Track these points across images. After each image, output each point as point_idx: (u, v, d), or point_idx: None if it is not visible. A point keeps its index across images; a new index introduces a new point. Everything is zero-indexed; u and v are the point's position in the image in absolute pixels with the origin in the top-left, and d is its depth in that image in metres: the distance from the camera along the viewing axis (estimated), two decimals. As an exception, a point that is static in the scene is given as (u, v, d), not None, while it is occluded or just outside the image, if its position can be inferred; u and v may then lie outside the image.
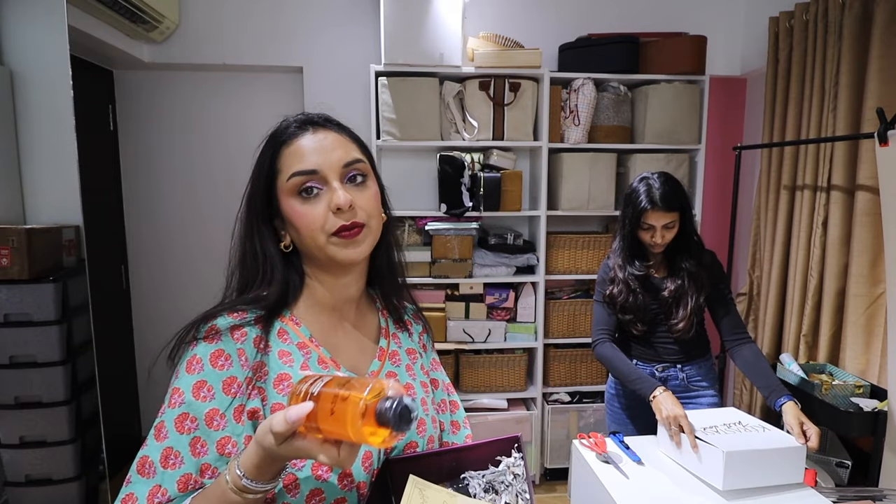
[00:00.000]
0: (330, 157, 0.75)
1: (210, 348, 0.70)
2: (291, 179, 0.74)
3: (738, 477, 1.34)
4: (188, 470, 0.66)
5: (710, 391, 1.82)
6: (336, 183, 0.74)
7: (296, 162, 0.75)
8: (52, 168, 2.02)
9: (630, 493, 1.39)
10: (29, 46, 1.97)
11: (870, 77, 2.01)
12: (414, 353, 0.90)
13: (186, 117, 2.98)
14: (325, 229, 0.74)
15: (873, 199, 2.00)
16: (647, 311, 1.76)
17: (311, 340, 0.78)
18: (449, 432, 0.93)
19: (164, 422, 0.68)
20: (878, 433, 1.78)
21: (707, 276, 1.73)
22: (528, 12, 2.83)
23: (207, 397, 0.68)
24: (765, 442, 1.39)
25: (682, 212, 1.69)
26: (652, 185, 1.67)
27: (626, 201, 1.74)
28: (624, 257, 1.77)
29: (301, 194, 0.74)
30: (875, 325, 2.03)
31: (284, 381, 0.73)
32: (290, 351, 0.76)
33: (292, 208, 0.75)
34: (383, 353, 0.85)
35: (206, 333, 0.71)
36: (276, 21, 2.78)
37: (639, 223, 1.70)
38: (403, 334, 0.91)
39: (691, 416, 1.54)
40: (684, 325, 1.72)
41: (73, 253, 2.02)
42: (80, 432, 1.95)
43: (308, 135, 0.76)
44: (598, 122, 2.71)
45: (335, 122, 0.81)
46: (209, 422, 0.68)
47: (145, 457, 0.67)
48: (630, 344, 1.86)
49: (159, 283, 3.08)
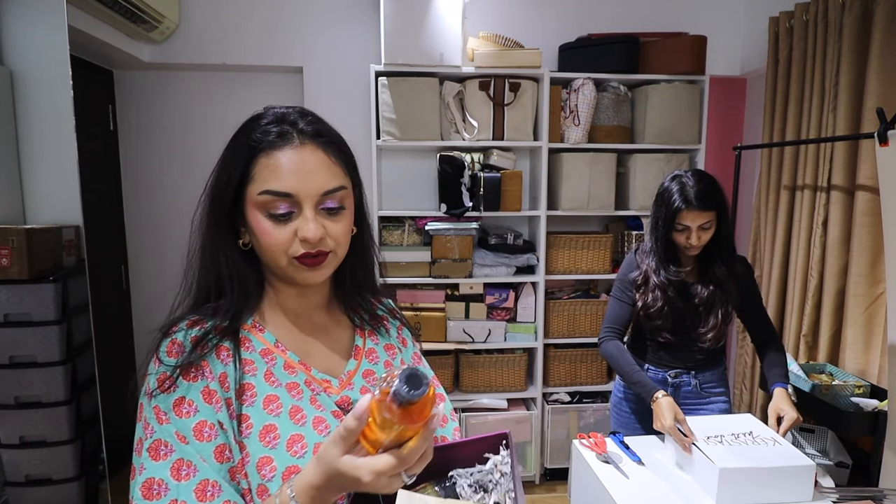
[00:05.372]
0: (309, 182, 0.69)
1: (170, 399, 0.66)
2: (262, 195, 0.69)
3: (735, 494, 1.29)
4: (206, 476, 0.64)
5: (722, 397, 1.76)
6: (309, 212, 0.69)
7: (271, 178, 0.69)
8: (52, 168, 2.02)
9: (630, 493, 1.39)
10: (29, 46, 1.97)
11: (870, 77, 2.01)
12: (393, 348, 0.88)
13: (186, 117, 2.98)
14: (287, 253, 0.70)
15: (873, 199, 2.00)
16: (677, 319, 1.65)
17: (277, 346, 0.75)
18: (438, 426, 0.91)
19: (161, 439, 0.65)
20: (878, 433, 1.78)
21: (737, 284, 1.65)
22: (528, 12, 2.83)
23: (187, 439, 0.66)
24: (769, 458, 1.33)
25: (718, 211, 1.57)
26: (686, 184, 1.56)
27: (657, 201, 1.63)
28: (658, 261, 1.65)
29: (270, 213, 0.70)
30: (875, 325, 2.03)
31: (247, 391, 0.70)
32: (252, 359, 0.73)
33: (258, 223, 0.70)
34: (359, 351, 0.83)
35: (167, 356, 0.69)
36: (276, 21, 2.78)
37: (673, 224, 1.58)
38: (380, 330, 0.88)
39: (703, 422, 1.52)
40: (714, 334, 1.63)
41: (73, 253, 2.01)
42: (80, 432, 1.94)
43: (290, 149, 0.69)
44: (598, 122, 2.71)
45: (324, 135, 0.73)
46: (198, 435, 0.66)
47: (150, 479, 0.63)
48: (647, 347, 1.76)
49: (159, 283, 3.08)
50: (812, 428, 2.13)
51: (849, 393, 1.94)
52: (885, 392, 1.85)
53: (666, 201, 1.59)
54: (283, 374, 0.73)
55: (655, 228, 1.64)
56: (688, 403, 1.74)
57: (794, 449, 1.39)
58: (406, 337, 0.93)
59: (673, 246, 1.63)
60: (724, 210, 1.58)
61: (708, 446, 1.39)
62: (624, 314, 1.72)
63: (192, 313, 0.74)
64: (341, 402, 0.76)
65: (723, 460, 1.31)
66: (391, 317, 0.92)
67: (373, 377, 0.81)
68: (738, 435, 1.44)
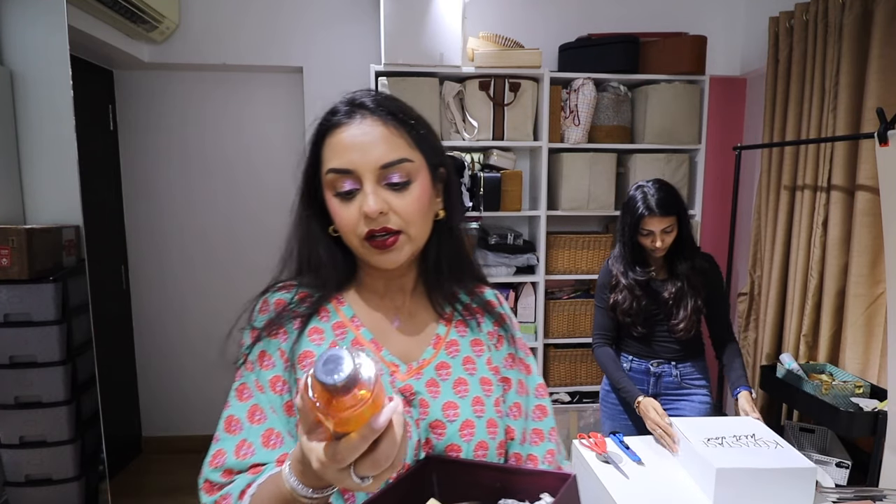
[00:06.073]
0: (368, 155, 0.68)
1: (256, 350, 0.73)
2: (329, 174, 0.70)
3: (734, 495, 1.29)
4: (271, 425, 0.69)
5: (703, 390, 1.88)
6: (370, 186, 0.68)
7: (333, 157, 0.70)
8: (52, 168, 2.02)
9: (630, 493, 1.39)
10: (29, 46, 1.97)
11: (870, 77, 2.01)
12: (481, 344, 0.80)
13: (186, 117, 2.98)
14: (356, 232, 0.70)
15: (873, 199, 2.00)
16: (648, 314, 1.82)
17: (353, 320, 0.76)
18: (529, 442, 0.79)
19: (246, 383, 0.72)
20: (878, 433, 1.78)
21: (703, 279, 1.80)
22: (528, 12, 2.83)
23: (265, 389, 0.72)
24: (769, 460, 1.33)
25: (678, 216, 1.73)
26: (647, 193, 1.73)
27: (624, 209, 1.80)
28: (625, 263, 1.82)
29: (337, 191, 0.70)
30: (875, 325, 2.03)
31: (308, 359, 0.71)
32: (323, 329, 0.75)
33: (330, 203, 0.72)
34: (440, 340, 0.78)
35: (258, 314, 0.76)
36: (276, 21, 2.78)
37: (638, 229, 1.75)
38: (471, 323, 0.81)
39: (704, 423, 1.55)
40: (685, 325, 1.78)
41: (73, 253, 2.02)
42: (80, 432, 1.95)
43: (353, 125, 0.69)
44: (598, 122, 2.71)
45: (388, 108, 0.71)
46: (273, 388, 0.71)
47: (231, 416, 0.70)
48: (627, 341, 1.92)
49: (159, 283, 3.08)
50: (812, 428, 2.13)
51: (849, 393, 1.94)
52: (885, 392, 1.85)
53: (631, 209, 1.75)
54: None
55: (623, 234, 1.81)
56: (669, 394, 1.87)
57: (795, 451, 1.39)
58: (504, 336, 0.83)
59: (640, 249, 1.80)
60: (684, 214, 1.76)
61: (708, 447, 1.39)
62: (607, 320, 1.89)
63: (288, 279, 0.79)
64: (404, 389, 0.73)
65: (720, 461, 1.31)
66: (487, 310, 0.84)
67: (447, 371, 0.76)
68: (740, 437, 1.45)
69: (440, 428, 0.72)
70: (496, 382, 0.78)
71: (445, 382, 0.75)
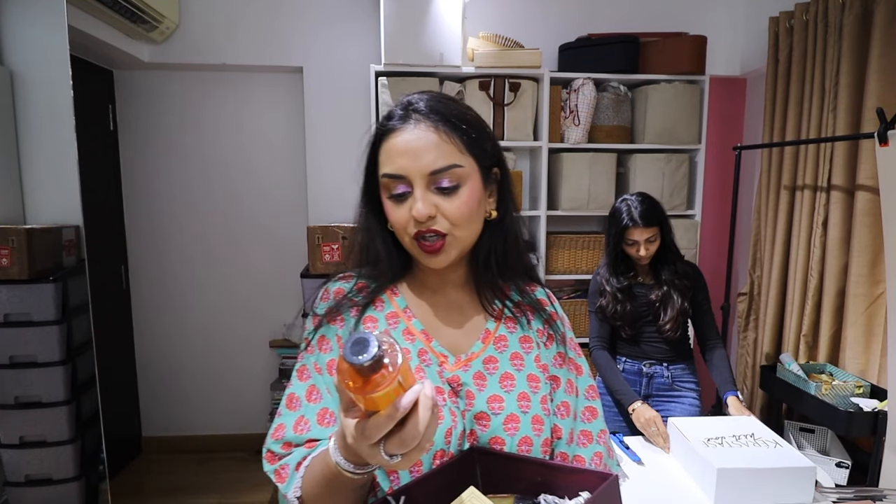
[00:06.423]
0: (419, 161, 0.71)
1: (317, 335, 0.79)
2: (383, 178, 0.74)
3: (734, 494, 1.30)
4: (326, 405, 0.74)
5: (693, 394, 1.96)
6: (419, 191, 0.71)
7: (387, 161, 0.73)
8: (52, 168, 2.02)
9: (630, 493, 1.39)
10: (29, 46, 1.97)
11: (870, 77, 2.01)
12: (530, 341, 0.82)
13: (186, 117, 2.98)
14: (408, 231, 0.74)
15: (873, 199, 2.00)
16: (635, 317, 1.92)
17: (405, 311, 0.80)
18: (577, 443, 0.80)
19: (306, 365, 0.78)
20: (878, 433, 1.78)
21: (688, 283, 1.91)
22: (528, 12, 2.83)
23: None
24: (769, 459, 1.33)
25: (660, 226, 1.85)
26: (631, 205, 1.84)
27: (609, 221, 1.91)
28: (610, 271, 1.93)
29: (391, 193, 0.74)
30: (875, 325, 2.03)
31: None
32: (377, 318, 0.79)
33: (385, 203, 0.76)
34: (489, 335, 0.81)
35: (320, 301, 0.82)
36: (275, 21, 2.78)
37: (623, 239, 1.86)
38: (521, 320, 0.83)
39: (704, 423, 1.57)
40: (672, 325, 1.87)
41: (73, 253, 2.02)
42: (80, 432, 1.95)
43: (406, 130, 0.72)
44: (598, 122, 2.71)
45: (441, 112, 0.73)
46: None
47: (292, 394, 0.76)
48: (620, 343, 2.00)
49: (159, 283, 3.08)
50: (812, 428, 2.13)
51: (849, 393, 1.94)
52: (885, 392, 1.85)
53: (616, 221, 1.86)
54: (398, 338, 0.77)
55: (608, 244, 1.92)
56: (661, 395, 1.95)
57: (794, 451, 1.39)
58: (554, 335, 0.84)
59: (625, 258, 1.91)
60: (666, 224, 1.88)
61: (708, 447, 1.39)
62: (601, 324, 1.98)
63: (349, 270, 0.84)
64: (452, 380, 0.76)
65: (721, 460, 1.32)
66: (537, 309, 0.85)
67: (494, 365, 0.78)
68: (740, 437, 1.45)
69: (485, 420, 0.75)
70: (544, 380, 0.80)
71: (492, 376, 0.78)
